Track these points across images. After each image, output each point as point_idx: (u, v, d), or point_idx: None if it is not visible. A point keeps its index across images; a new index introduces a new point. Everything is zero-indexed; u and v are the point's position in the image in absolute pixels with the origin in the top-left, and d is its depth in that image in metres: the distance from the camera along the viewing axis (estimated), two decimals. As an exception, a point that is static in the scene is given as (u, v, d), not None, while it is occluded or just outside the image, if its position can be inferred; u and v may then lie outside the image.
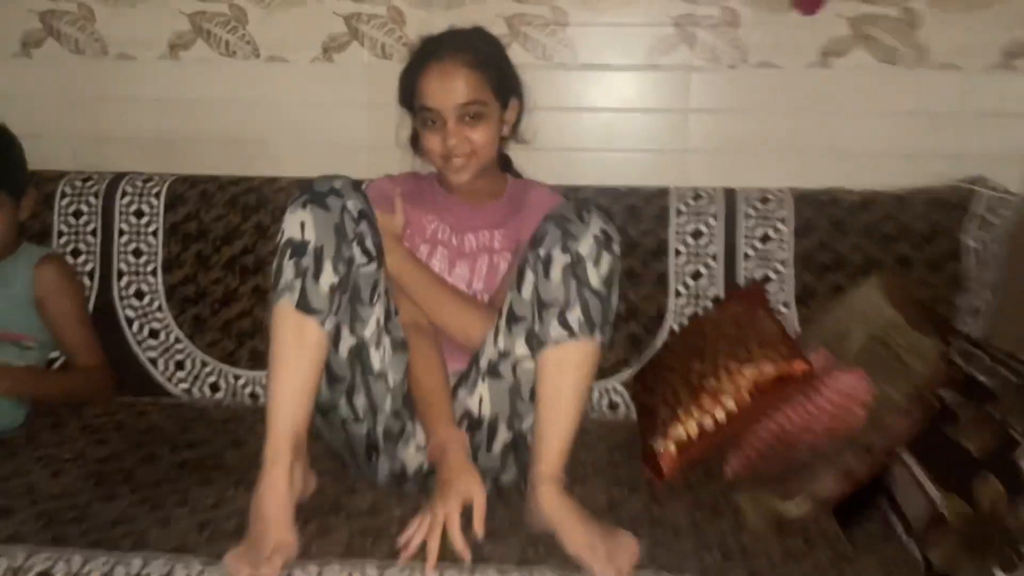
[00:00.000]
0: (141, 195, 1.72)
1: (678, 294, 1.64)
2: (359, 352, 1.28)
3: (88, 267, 1.71)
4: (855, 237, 1.63)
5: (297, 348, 1.20)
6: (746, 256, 1.64)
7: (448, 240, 1.49)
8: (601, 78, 1.78)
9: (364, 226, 1.25)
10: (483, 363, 1.31)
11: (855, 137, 1.75)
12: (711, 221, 1.65)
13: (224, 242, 1.70)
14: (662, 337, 1.64)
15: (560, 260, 1.20)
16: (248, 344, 1.68)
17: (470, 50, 1.41)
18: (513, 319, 1.27)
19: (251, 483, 1.14)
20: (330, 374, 1.29)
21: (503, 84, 1.45)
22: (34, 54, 1.85)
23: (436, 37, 1.47)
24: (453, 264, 1.47)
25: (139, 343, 1.70)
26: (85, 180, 1.74)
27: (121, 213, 1.72)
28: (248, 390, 1.68)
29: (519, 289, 1.26)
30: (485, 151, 1.43)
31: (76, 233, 1.72)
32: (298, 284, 1.19)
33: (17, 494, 1.28)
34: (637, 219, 1.66)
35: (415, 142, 1.57)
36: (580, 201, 1.26)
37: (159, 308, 1.70)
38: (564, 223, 1.22)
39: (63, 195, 1.73)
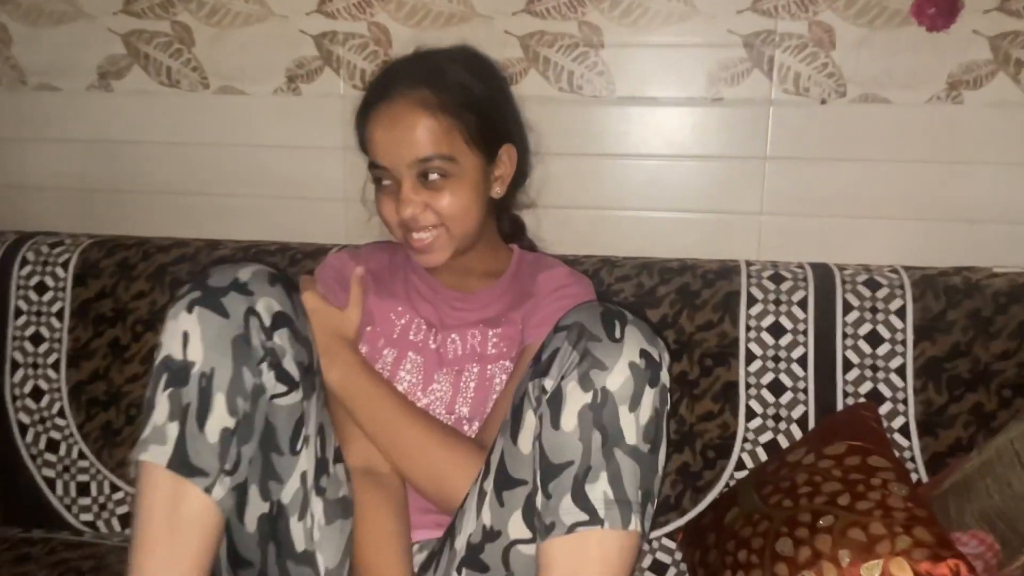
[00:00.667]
0: (46, 264, 1.33)
1: (751, 414, 1.18)
2: (274, 524, 0.86)
3: (-25, 356, 1.33)
4: (1003, 339, 1.15)
5: (169, 525, 0.79)
6: (847, 364, 1.18)
7: (423, 343, 1.06)
8: (646, 115, 1.34)
9: (282, 337, 0.84)
10: (460, 543, 0.87)
11: (996, 196, 1.28)
12: (797, 312, 1.20)
13: (147, 327, 1.30)
14: (728, 472, 1.18)
15: (577, 400, 0.77)
16: (171, 463, 1.27)
17: (431, 84, 1.01)
18: (506, 482, 0.84)
19: None
20: (233, 556, 0.87)
21: (486, 129, 1.03)
22: (-63, 83, 1.50)
23: (390, 67, 1.08)
24: (429, 377, 1.04)
25: (33, 458, 1.30)
26: (-22, 244, 1.37)
27: (19, 287, 1.33)
28: (168, 526, 1.26)
29: (514, 437, 0.83)
30: (459, 222, 1.02)
31: (-38, 312, 1.34)
32: (173, 430, 0.79)
33: None
34: (694, 306, 1.21)
35: None
36: (608, 305, 0.82)
37: (60, 412, 1.30)
38: (584, 340, 0.79)
39: (-51, 262, 1.35)
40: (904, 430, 1.16)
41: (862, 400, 1.16)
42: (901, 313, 1.18)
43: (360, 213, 1.42)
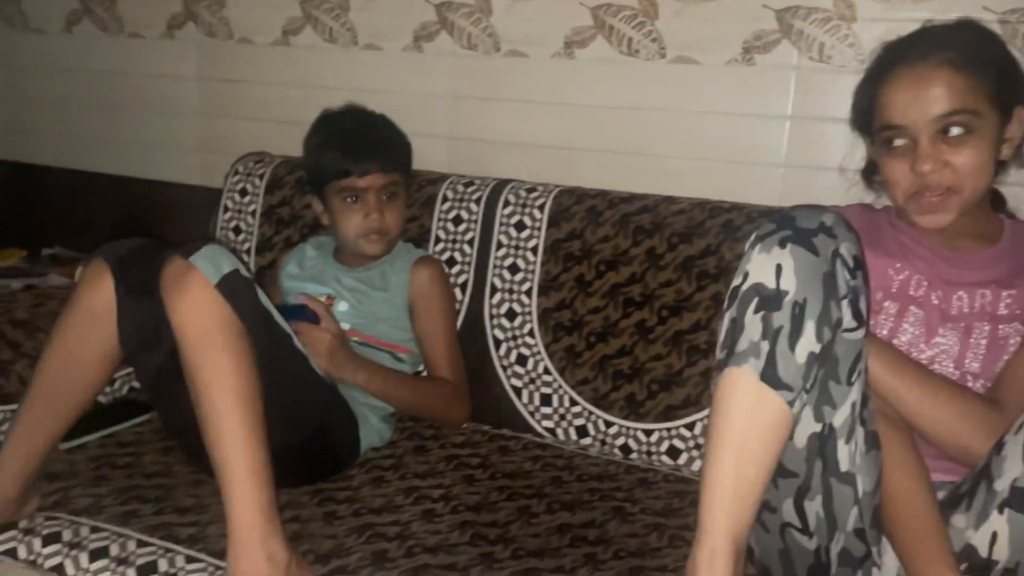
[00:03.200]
0: (524, 206, 1.55)
1: None
2: (823, 444, 0.97)
3: (462, 279, 1.58)
4: None
5: (755, 432, 0.92)
6: None
7: (924, 298, 1.13)
8: None
9: (858, 279, 0.94)
10: (1001, 486, 0.94)
11: None
12: None
13: (609, 267, 1.47)
14: None
15: None
16: (624, 389, 1.44)
17: (952, 46, 1.06)
18: (1065, 435, 0.88)
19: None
20: (779, 467, 0.99)
21: (1005, 87, 1.07)
22: (425, 48, 1.77)
23: (905, 38, 1.14)
24: (932, 331, 1.11)
25: (504, 368, 1.53)
26: (467, 185, 1.61)
27: (501, 224, 1.56)
28: (620, 442, 1.44)
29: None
30: (973, 182, 1.07)
31: (453, 241, 1.59)
32: (765, 347, 0.91)
33: (392, 536, 1.14)
34: None
35: (869, 173, 1.24)
36: None
37: (530, 333, 1.52)
38: None
39: (444, 199, 1.61)
40: None
41: None
42: None
43: (793, 180, 1.51)
